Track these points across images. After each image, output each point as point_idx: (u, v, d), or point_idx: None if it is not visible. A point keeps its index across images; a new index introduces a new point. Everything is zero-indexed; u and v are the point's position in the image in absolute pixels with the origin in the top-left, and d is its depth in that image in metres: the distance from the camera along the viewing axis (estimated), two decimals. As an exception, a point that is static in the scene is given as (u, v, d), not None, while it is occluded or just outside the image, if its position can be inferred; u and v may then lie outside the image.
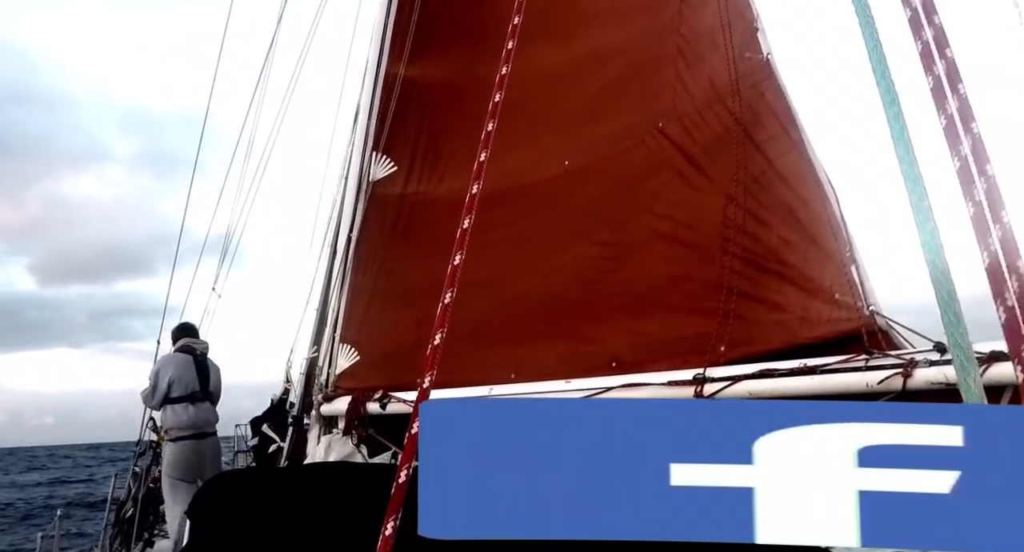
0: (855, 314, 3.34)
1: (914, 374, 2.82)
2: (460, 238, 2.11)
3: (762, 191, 3.69)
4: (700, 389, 3.29)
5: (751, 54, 3.89)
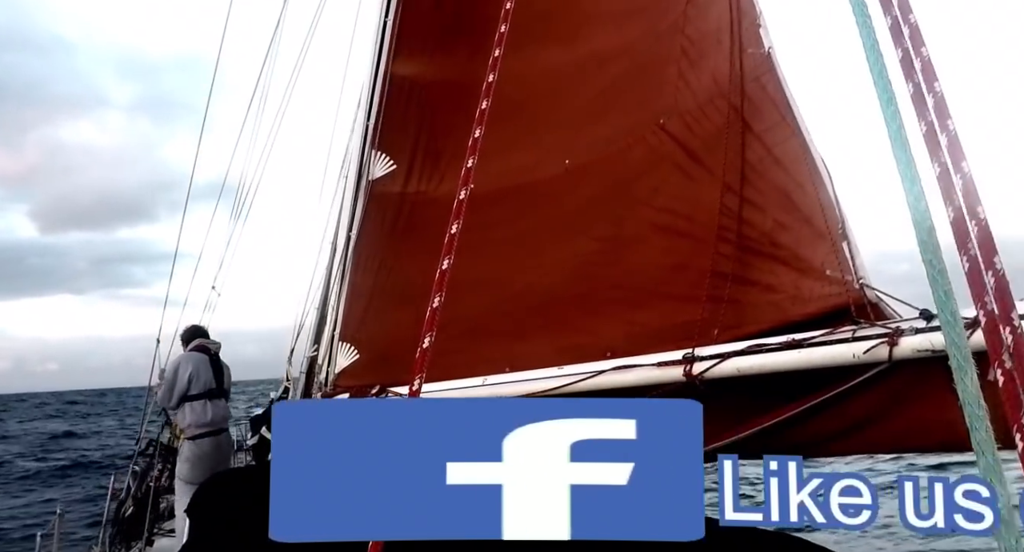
0: (845, 288, 3.37)
1: (900, 342, 2.82)
2: (448, 243, 2.12)
3: (759, 178, 3.76)
4: (689, 368, 3.30)
5: (753, 49, 3.95)
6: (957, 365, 1.32)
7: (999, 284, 1.26)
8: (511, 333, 4.45)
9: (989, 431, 1.29)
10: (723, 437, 3.43)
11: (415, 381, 2.01)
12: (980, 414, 1.30)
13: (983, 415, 1.31)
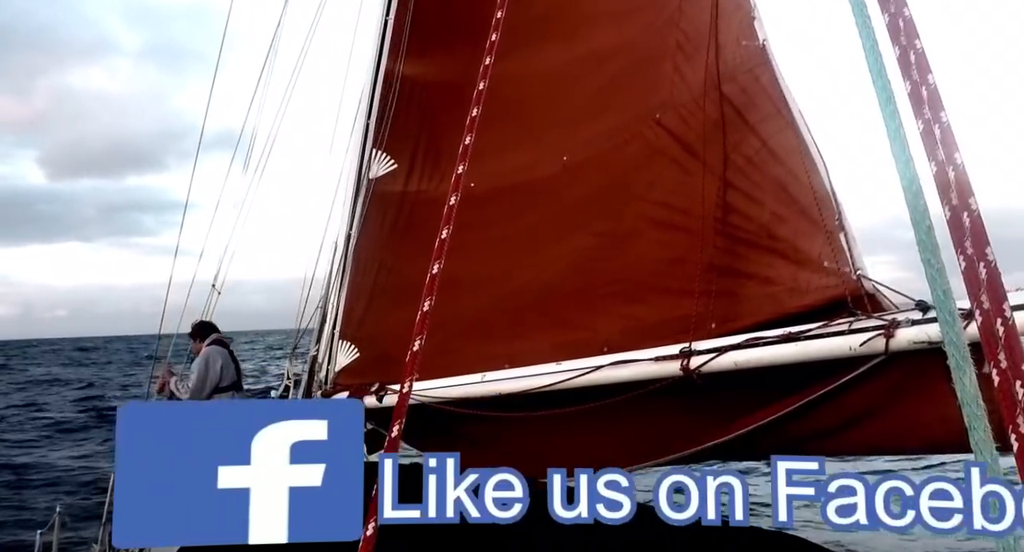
0: (842, 280, 3.36)
1: (896, 334, 2.81)
2: (438, 248, 2.14)
3: (756, 170, 3.75)
4: (686, 363, 3.29)
5: (747, 41, 3.95)
6: (956, 364, 1.31)
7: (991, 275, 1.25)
8: (510, 330, 4.45)
9: (987, 431, 1.29)
10: (719, 435, 3.42)
11: (405, 383, 2.02)
12: (979, 414, 1.30)
13: (982, 415, 1.30)
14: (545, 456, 4.12)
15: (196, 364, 6.64)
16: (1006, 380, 1.21)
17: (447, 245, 2.14)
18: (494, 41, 2.42)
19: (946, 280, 1.33)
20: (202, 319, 7.08)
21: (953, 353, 1.30)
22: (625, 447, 3.82)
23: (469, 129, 2.32)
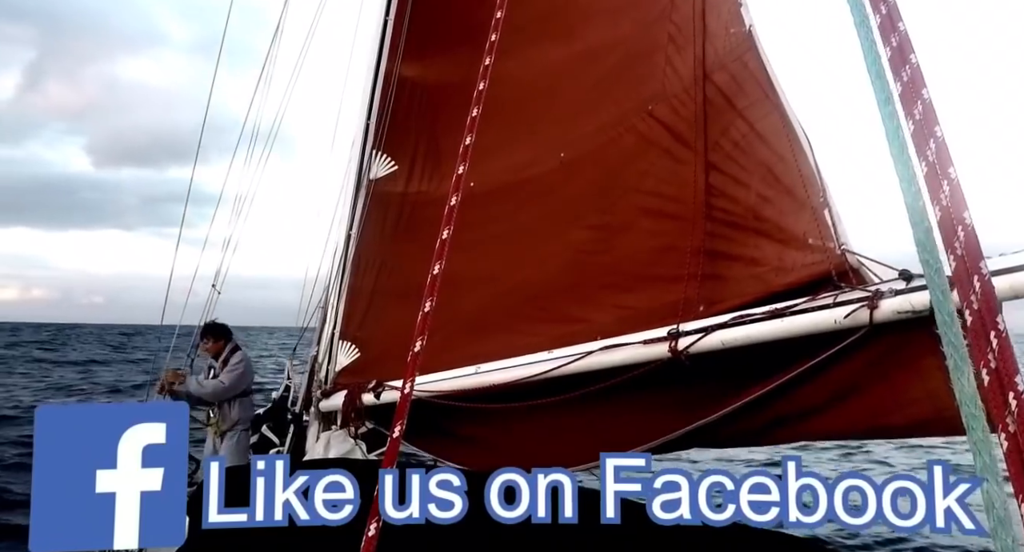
0: (827, 255, 3.35)
1: (880, 305, 2.80)
2: (439, 249, 2.14)
3: (742, 154, 3.76)
4: (674, 344, 3.29)
5: (735, 29, 3.98)
6: (954, 365, 1.32)
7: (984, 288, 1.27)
8: (508, 327, 4.47)
9: (986, 431, 1.29)
10: (707, 414, 3.44)
11: (406, 385, 2.03)
12: (977, 414, 1.30)
13: (980, 415, 1.31)
14: (541, 447, 4.14)
15: (236, 365, 6.55)
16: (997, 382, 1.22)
17: (448, 246, 2.14)
18: (494, 41, 2.43)
19: (945, 280, 1.34)
20: (214, 321, 7.05)
21: (952, 354, 1.31)
22: (618, 432, 3.83)
23: (469, 129, 2.33)
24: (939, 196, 1.26)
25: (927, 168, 1.27)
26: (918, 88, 1.33)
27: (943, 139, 1.30)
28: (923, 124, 1.31)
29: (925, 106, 1.30)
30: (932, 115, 1.30)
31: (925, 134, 1.32)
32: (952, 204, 1.28)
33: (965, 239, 1.27)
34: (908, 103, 1.32)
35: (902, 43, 1.37)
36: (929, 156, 1.28)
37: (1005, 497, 1.27)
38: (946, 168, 1.29)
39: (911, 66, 1.34)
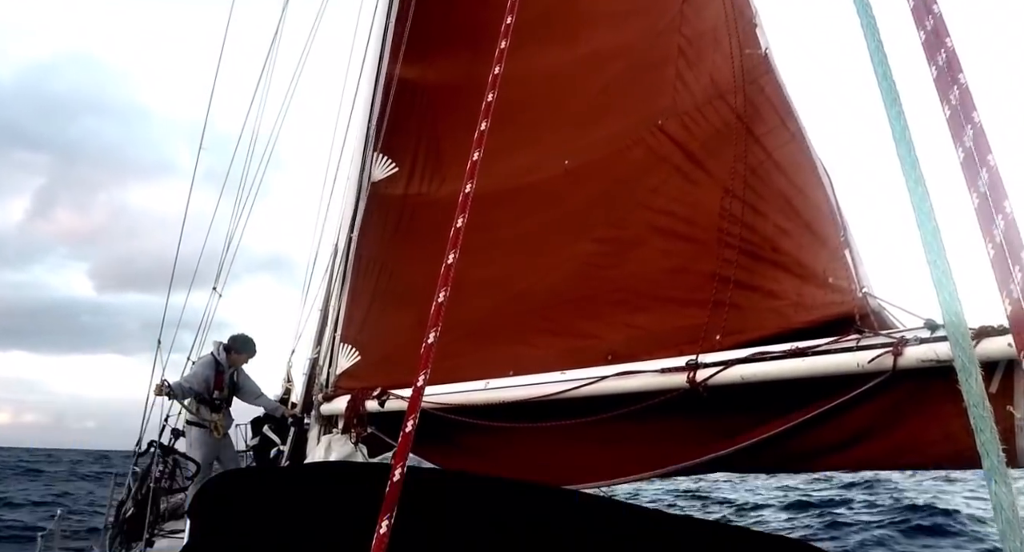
0: (848, 297, 3.35)
1: (904, 352, 2.81)
2: (453, 237, 2.11)
3: (759, 182, 3.72)
4: (693, 375, 3.29)
5: (751, 50, 3.93)
6: (962, 366, 1.31)
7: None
8: (513, 336, 4.44)
9: (994, 432, 1.28)
10: (721, 447, 3.41)
11: (419, 378, 2.00)
12: (985, 416, 1.29)
13: (988, 417, 1.30)
14: (547, 466, 4.12)
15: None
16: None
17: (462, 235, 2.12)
18: (503, 48, 2.40)
19: (952, 281, 1.33)
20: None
21: (959, 354, 1.30)
22: (627, 458, 3.82)
23: (484, 114, 2.29)
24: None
25: (963, 153, 1.23)
26: (956, 75, 1.29)
27: (981, 126, 1.26)
28: (955, 116, 1.26)
29: (963, 91, 1.24)
30: (969, 101, 1.24)
31: (958, 126, 1.27)
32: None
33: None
34: (943, 88, 1.27)
35: (950, 60, 1.33)
36: (965, 142, 1.23)
37: (1014, 499, 1.26)
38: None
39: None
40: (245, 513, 3.08)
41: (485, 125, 2.28)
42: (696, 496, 15.62)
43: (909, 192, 1.36)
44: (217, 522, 3.14)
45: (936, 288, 1.33)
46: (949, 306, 1.32)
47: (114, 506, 7.61)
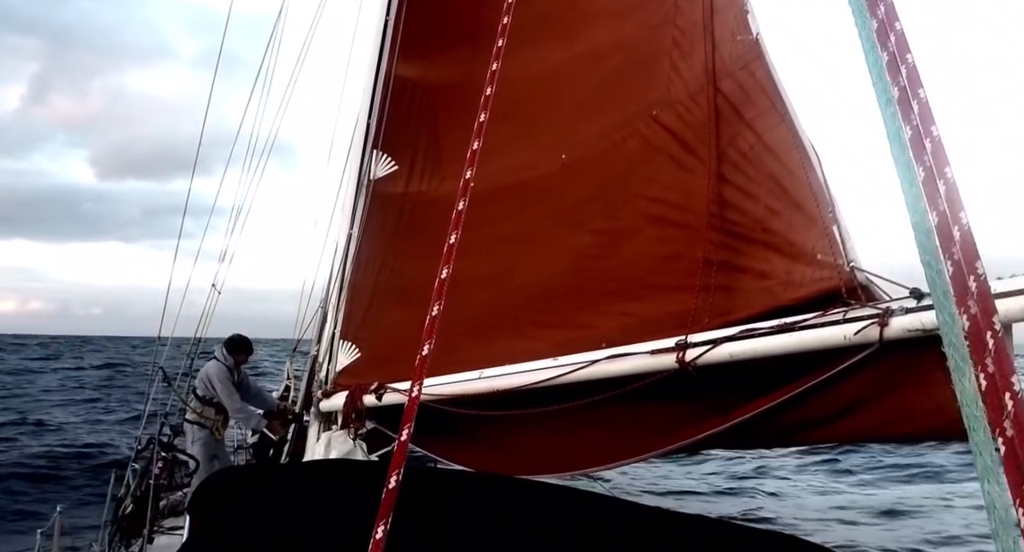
0: (836, 272, 3.36)
1: (890, 323, 2.81)
2: (447, 253, 2.13)
3: (750, 165, 3.75)
4: (682, 355, 3.30)
5: (742, 36, 3.96)
6: (955, 366, 1.31)
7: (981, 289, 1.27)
8: (511, 329, 4.47)
9: (987, 432, 1.29)
10: (715, 425, 3.45)
11: (414, 388, 2.02)
12: (978, 415, 1.30)
13: (981, 416, 1.30)
14: (543, 453, 4.15)
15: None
16: (993, 386, 1.22)
17: (455, 251, 2.13)
18: (500, 46, 2.42)
19: (946, 282, 1.34)
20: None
21: (953, 355, 1.31)
22: (622, 440, 3.84)
23: (477, 134, 2.32)
24: (936, 199, 1.26)
25: (924, 172, 1.27)
26: (915, 89, 1.33)
27: (940, 140, 1.30)
28: (919, 127, 1.31)
29: (922, 106, 1.30)
30: (930, 116, 1.30)
31: (923, 136, 1.32)
32: (949, 206, 1.28)
33: (961, 240, 1.27)
34: (904, 107, 1.32)
35: (898, 41, 1.37)
36: (926, 160, 1.28)
37: (1007, 499, 1.27)
38: (943, 169, 1.29)
39: (908, 65, 1.34)
40: (245, 510, 3.09)
41: (477, 144, 2.30)
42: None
43: (896, 168, 1.37)
44: (217, 519, 3.15)
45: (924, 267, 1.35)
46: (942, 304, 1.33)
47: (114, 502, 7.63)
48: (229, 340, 7.43)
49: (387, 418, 4.81)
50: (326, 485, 3.17)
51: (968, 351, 1.32)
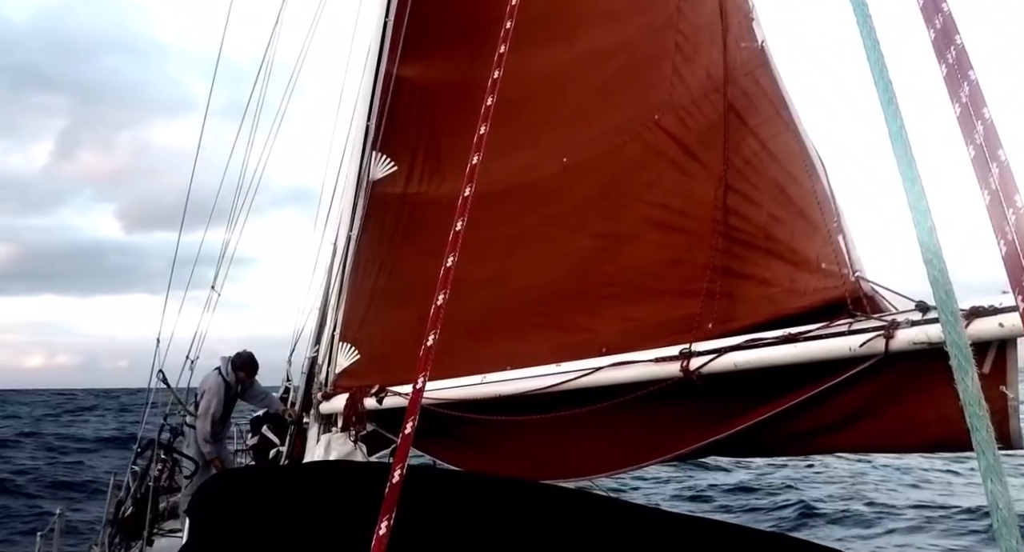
0: (840, 281, 3.36)
1: (896, 335, 2.81)
2: (452, 240, 2.12)
3: (754, 172, 3.75)
4: (686, 364, 3.30)
5: (747, 43, 3.95)
6: (958, 365, 1.31)
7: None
8: (511, 332, 4.46)
9: (990, 431, 1.28)
10: (717, 433, 3.44)
11: (419, 379, 2.00)
12: (981, 414, 1.30)
13: (984, 415, 1.30)
14: (544, 457, 4.14)
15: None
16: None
17: (461, 238, 2.12)
18: (503, 53, 2.41)
19: (948, 281, 1.33)
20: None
21: (955, 354, 1.30)
22: (626, 447, 3.84)
23: (484, 118, 2.30)
24: (988, 180, 1.21)
25: (975, 152, 1.23)
26: (965, 71, 1.29)
27: (992, 123, 1.26)
28: (968, 109, 1.27)
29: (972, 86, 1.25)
30: (980, 100, 1.26)
31: (973, 118, 1.27)
32: (1002, 187, 1.23)
33: (1016, 224, 1.21)
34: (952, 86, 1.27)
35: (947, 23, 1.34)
36: (977, 138, 1.24)
37: (1010, 498, 1.27)
38: (995, 151, 1.25)
39: (957, 48, 1.31)
40: (244, 512, 3.09)
41: (484, 129, 2.29)
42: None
43: (898, 167, 1.36)
44: (216, 521, 3.15)
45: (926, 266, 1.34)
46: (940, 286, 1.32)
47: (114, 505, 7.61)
48: (237, 356, 7.39)
49: (387, 420, 4.80)
50: (326, 487, 3.16)
51: (971, 351, 1.31)
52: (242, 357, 7.37)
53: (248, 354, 7.44)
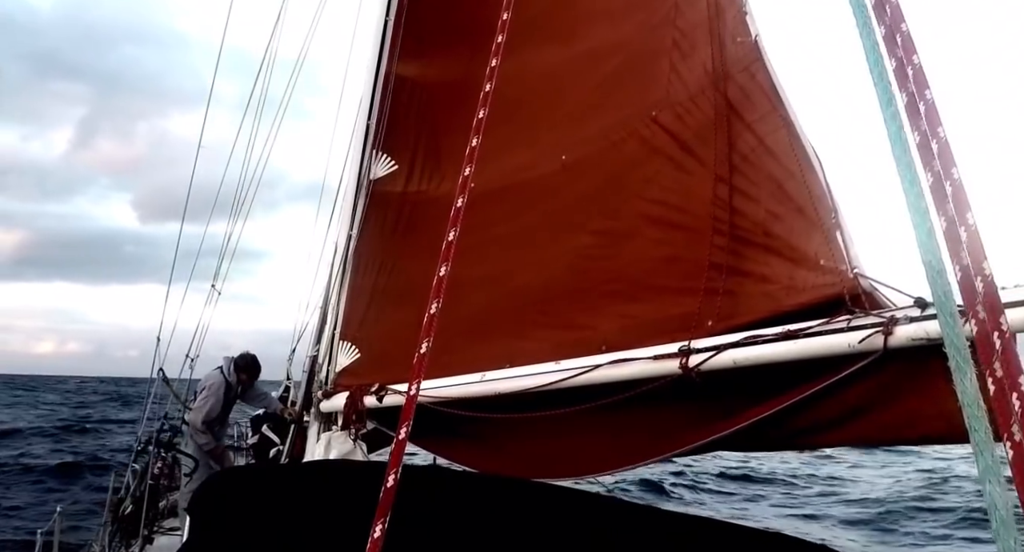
0: (839, 278, 3.35)
1: (895, 331, 2.81)
2: (445, 250, 2.13)
3: (751, 168, 3.73)
4: (685, 361, 3.30)
5: (742, 38, 3.94)
6: (956, 366, 1.31)
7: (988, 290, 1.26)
8: (510, 330, 4.46)
9: (988, 432, 1.28)
10: (718, 429, 3.44)
11: (412, 386, 2.01)
12: (979, 415, 1.30)
13: (982, 416, 1.30)
14: (545, 455, 4.14)
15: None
16: (1001, 389, 1.21)
17: (454, 248, 2.13)
18: (500, 42, 2.42)
19: (947, 281, 1.34)
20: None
21: (954, 355, 1.30)
22: (624, 444, 3.84)
23: (476, 130, 2.32)
24: (944, 203, 1.26)
25: (932, 177, 1.26)
26: (922, 92, 1.33)
27: (946, 142, 1.30)
28: (927, 132, 1.31)
29: (928, 108, 1.30)
30: (936, 118, 1.29)
31: (929, 142, 1.31)
32: (956, 207, 1.28)
33: (968, 241, 1.26)
34: (911, 110, 1.32)
35: (904, 44, 1.37)
36: (934, 165, 1.27)
37: (1008, 499, 1.27)
38: (949, 171, 1.29)
39: (914, 66, 1.34)
40: (244, 511, 3.09)
41: (476, 141, 2.30)
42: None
43: (897, 167, 1.37)
44: (216, 520, 3.15)
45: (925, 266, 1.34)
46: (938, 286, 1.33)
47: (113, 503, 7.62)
48: (240, 357, 7.41)
49: (388, 419, 4.81)
50: (326, 485, 3.17)
51: (969, 352, 1.31)
52: (245, 359, 7.39)
53: (252, 357, 7.46)
